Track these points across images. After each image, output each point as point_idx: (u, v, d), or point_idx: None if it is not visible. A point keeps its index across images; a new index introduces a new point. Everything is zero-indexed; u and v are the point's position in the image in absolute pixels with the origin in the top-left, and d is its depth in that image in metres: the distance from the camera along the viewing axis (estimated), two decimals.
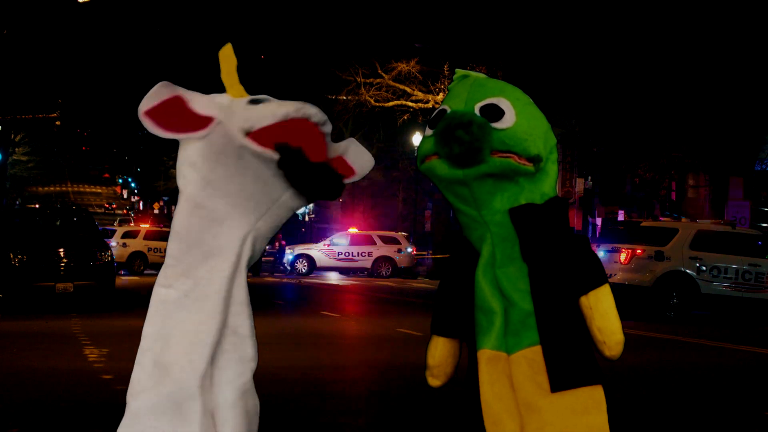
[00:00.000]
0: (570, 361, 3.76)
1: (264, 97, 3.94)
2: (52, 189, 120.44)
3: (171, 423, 3.82)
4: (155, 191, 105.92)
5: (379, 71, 38.18)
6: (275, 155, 3.79)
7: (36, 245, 18.62)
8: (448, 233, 42.12)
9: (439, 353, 4.04)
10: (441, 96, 36.59)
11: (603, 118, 31.46)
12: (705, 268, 20.09)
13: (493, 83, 3.91)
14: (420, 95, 38.03)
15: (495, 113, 3.73)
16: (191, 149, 3.90)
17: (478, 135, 3.67)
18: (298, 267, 37.97)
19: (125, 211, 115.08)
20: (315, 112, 3.88)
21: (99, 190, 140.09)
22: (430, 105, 37.39)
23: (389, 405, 8.78)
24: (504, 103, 3.76)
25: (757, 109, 29.59)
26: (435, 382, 4.08)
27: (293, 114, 3.83)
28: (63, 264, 18.38)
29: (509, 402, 3.79)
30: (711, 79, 28.69)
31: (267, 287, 27.86)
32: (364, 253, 38.37)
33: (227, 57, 4.01)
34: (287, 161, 3.78)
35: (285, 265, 38.54)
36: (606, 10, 29.19)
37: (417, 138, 40.64)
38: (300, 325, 16.43)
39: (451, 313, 3.99)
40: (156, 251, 37.90)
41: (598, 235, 30.31)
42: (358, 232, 40.21)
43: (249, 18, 42.06)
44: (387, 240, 38.93)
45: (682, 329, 17.69)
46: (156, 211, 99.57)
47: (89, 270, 18.50)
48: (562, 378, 3.74)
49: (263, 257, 37.96)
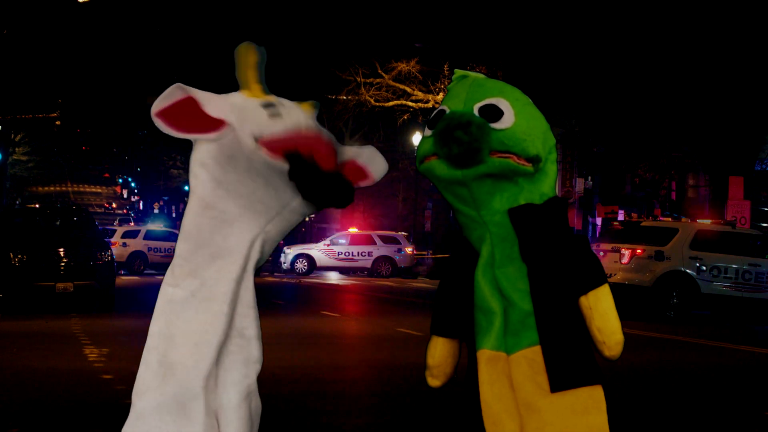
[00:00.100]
0: (570, 361, 3.76)
1: (277, 102, 3.90)
2: (52, 189, 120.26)
3: (175, 423, 3.82)
4: (155, 191, 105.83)
5: (379, 71, 38.18)
6: (285, 165, 3.78)
7: (36, 245, 18.62)
8: (447, 233, 42.09)
9: (439, 353, 4.04)
10: (441, 96, 36.58)
11: (603, 118, 31.44)
12: (705, 268, 20.09)
13: (492, 83, 3.91)
14: (420, 95, 38.03)
15: (494, 113, 3.73)
16: (203, 150, 3.89)
17: (477, 135, 3.67)
18: (298, 267, 37.95)
19: (125, 211, 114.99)
20: (325, 130, 3.88)
21: (99, 190, 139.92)
22: (430, 105, 37.39)
23: (389, 405, 8.78)
24: (503, 104, 3.76)
25: (757, 109, 29.58)
26: (435, 382, 4.08)
27: (305, 127, 3.82)
28: (63, 264, 18.38)
29: (509, 402, 3.79)
30: (711, 79, 28.68)
31: (267, 287, 27.85)
32: (364, 253, 38.36)
33: (246, 55, 3.94)
34: (297, 171, 3.77)
35: (282, 264, 38.42)
36: (606, 9, 29.18)
37: (417, 138, 40.63)
38: (300, 325, 16.43)
39: (451, 314, 3.99)
40: (156, 251, 37.92)
41: (598, 235, 30.31)
42: (358, 232, 40.20)
43: (249, 18, 42.05)
44: (387, 240, 38.93)
45: (682, 329, 17.70)
46: (156, 211, 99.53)
47: (89, 270, 18.50)
48: (561, 378, 3.74)
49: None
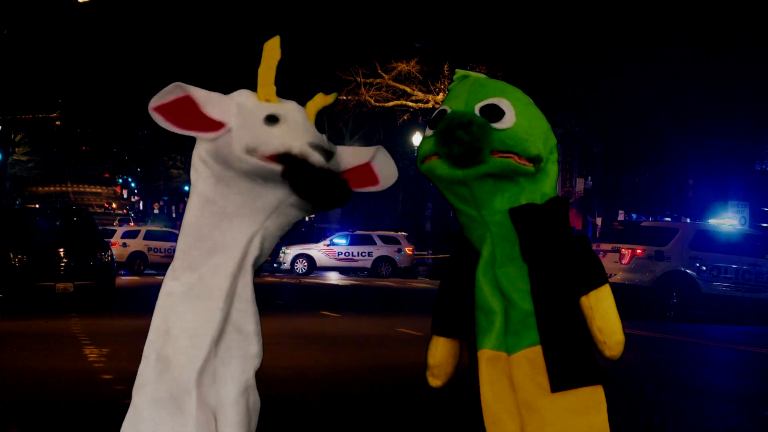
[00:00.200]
0: (570, 361, 3.76)
1: (282, 116, 3.87)
2: (52, 189, 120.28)
3: (170, 417, 3.82)
4: (155, 191, 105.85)
5: (379, 71, 38.19)
6: (278, 167, 3.78)
7: (36, 245, 18.61)
8: (446, 233, 41.99)
9: (440, 353, 4.04)
10: (441, 96, 36.59)
11: (603, 118, 31.44)
12: (705, 268, 20.09)
13: (494, 83, 3.90)
14: (420, 95, 38.03)
15: (495, 113, 3.73)
16: (203, 147, 3.90)
17: (478, 135, 3.67)
18: (297, 267, 37.92)
19: (125, 211, 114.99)
20: (318, 157, 3.83)
21: (99, 190, 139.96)
22: (430, 105, 37.39)
23: (389, 405, 8.78)
24: (504, 104, 3.76)
25: (757, 110, 29.58)
26: (435, 381, 4.08)
27: (296, 152, 3.80)
28: (63, 264, 18.38)
29: (509, 402, 3.79)
30: (711, 79, 28.68)
31: (267, 287, 27.86)
32: (364, 253, 38.35)
33: (271, 51, 3.84)
34: (290, 171, 3.77)
35: (281, 264, 38.34)
36: (606, 9, 29.18)
37: (417, 138, 40.64)
38: (300, 325, 16.43)
39: (452, 313, 3.99)
40: (156, 251, 37.91)
41: (598, 235, 30.32)
42: (358, 232, 40.21)
43: (249, 18, 42.05)
44: (387, 240, 38.92)
45: (682, 329, 17.70)
46: (156, 211, 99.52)
47: (89, 270, 18.49)
48: (562, 378, 3.74)
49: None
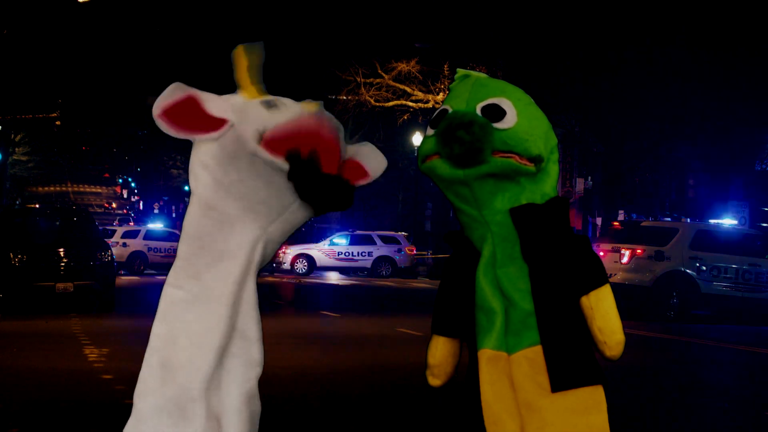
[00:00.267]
0: (571, 361, 3.76)
1: (277, 99, 3.89)
2: (52, 189, 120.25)
3: (175, 425, 3.79)
4: (155, 191, 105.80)
5: (379, 71, 38.18)
6: (285, 165, 3.75)
7: (36, 245, 18.59)
8: (446, 233, 41.98)
9: (440, 353, 4.04)
10: (441, 96, 36.60)
11: (603, 118, 31.44)
12: (705, 268, 20.08)
13: (495, 83, 3.90)
14: (420, 95, 38.03)
15: (496, 113, 3.73)
16: (204, 150, 3.86)
17: (479, 135, 3.67)
18: (298, 267, 37.89)
19: (125, 211, 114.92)
20: (329, 116, 3.84)
21: (99, 190, 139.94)
22: (430, 105, 37.39)
23: (389, 405, 8.78)
24: (505, 104, 3.76)
25: (757, 110, 29.57)
26: (435, 381, 4.08)
27: (307, 117, 3.79)
28: (63, 264, 18.36)
29: (509, 402, 3.79)
30: (711, 79, 28.68)
31: (267, 287, 27.85)
32: (364, 253, 38.34)
33: (242, 55, 3.92)
34: (297, 173, 3.74)
35: (282, 265, 38.29)
36: (606, 9, 29.18)
37: (417, 138, 40.63)
38: (300, 325, 16.42)
39: (452, 313, 3.99)
40: (156, 251, 37.90)
41: (598, 235, 30.32)
42: (358, 232, 40.19)
43: (249, 18, 42.05)
44: (387, 240, 38.91)
45: (682, 329, 17.70)
46: (156, 211, 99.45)
47: (89, 270, 18.47)
48: (562, 378, 3.74)
49: None
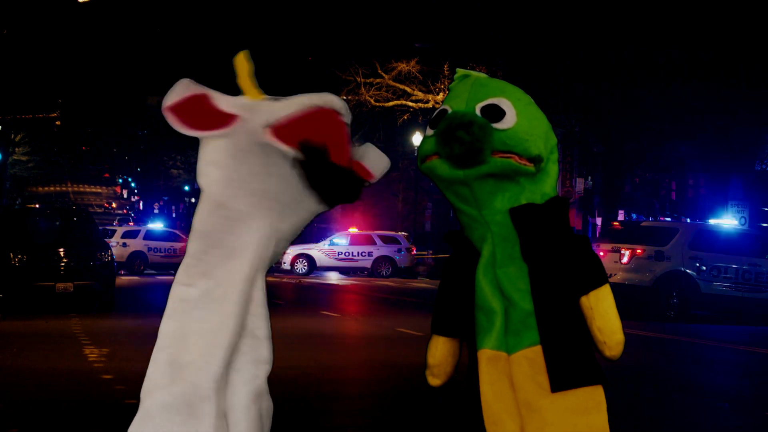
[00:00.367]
0: (570, 361, 3.76)
1: (282, 97, 3.94)
2: (52, 189, 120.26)
3: (184, 423, 3.78)
4: (155, 191, 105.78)
5: (379, 71, 38.18)
6: (299, 154, 3.77)
7: (36, 245, 18.59)
8: (446, 233, 41.99)
9: (440, 352, 4.04)
10: (441, 96, 36.59)
11: (603, 118, 31.44)
12: (705, 268, 20.08)
13: (494, 83, 3.91)
14: (420, 95, 38.02)
15: (496, 113, 3.73)
16: (213, 147, 3.86)
17: (479, 135, 3.67)
18: (298, 267, 37.87)
19: (125, 211, 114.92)
20: (338, 101, 3.87)
21: (99, 190, 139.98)
22: (430, 105, 37.39)
23: (389, 405, 8.78)
24: (505, 104, 3.76)
25: (758, 109, 29.57)
26: (435, 381, 4.09)
27: (318, 102, 3.81)
28: (63, 264, 18.36)
29: (509, 402, 3.79)
30: (711, 79, 28.68)
31: (267, 287, 27.80)
32: (364, 253, 38.32)
33: (243, 62, 3.97)
34: (310, 162, 3.76)
35: (282, 264, 38.22)
36: (606, 9, 29.18)
37: (417, 138, 40.64)
38: (300, 325, 16.42)
39: (452, 313, 3.99)
40: (156, 251, 37.89)
41: (598, 235, 30.32)
42: (358, 232, 40.17)
43: (249, 18, 42.07)
44: (387, 240, 38.90)
45: (682, 329, 17.70)
46: (156, 211, 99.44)
47: (89, 270, 18.47)
48: (562, 378, 3.74)
49: None
